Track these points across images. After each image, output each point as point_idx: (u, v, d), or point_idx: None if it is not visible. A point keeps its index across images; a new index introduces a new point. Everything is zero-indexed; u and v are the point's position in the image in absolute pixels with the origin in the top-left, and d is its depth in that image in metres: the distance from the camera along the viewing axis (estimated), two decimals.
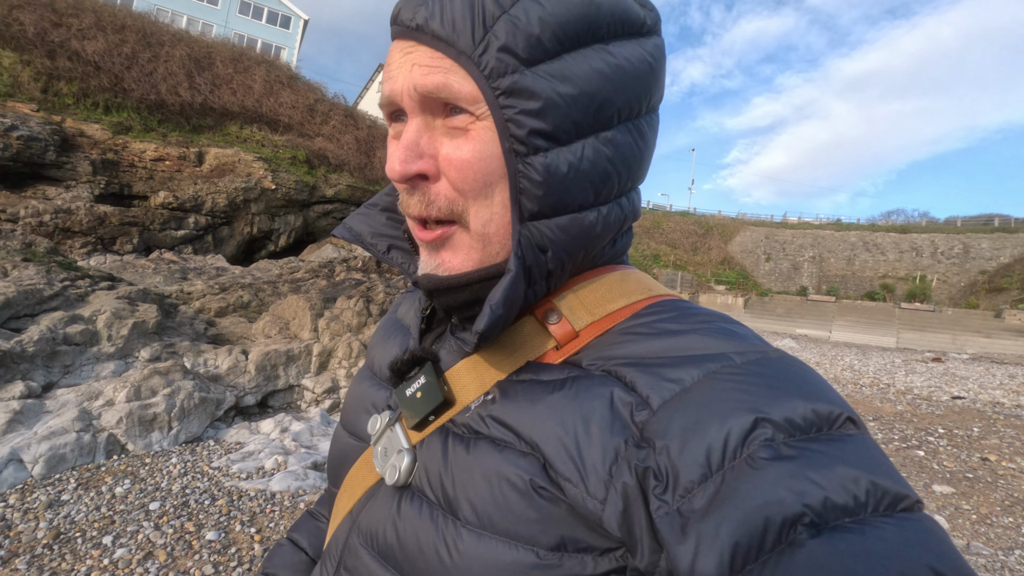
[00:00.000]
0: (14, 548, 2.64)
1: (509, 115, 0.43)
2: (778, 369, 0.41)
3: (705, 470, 0.37)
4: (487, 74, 0.43)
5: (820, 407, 0.38)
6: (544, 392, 0.47)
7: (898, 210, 69.15)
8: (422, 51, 0.45)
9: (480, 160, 0.45)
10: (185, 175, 12.66)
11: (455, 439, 0.50)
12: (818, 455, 0.36)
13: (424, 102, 0.45)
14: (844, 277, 37.74)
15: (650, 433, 0.40)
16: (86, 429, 3.66)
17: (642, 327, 0.48)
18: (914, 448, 6.34)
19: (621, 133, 0.48)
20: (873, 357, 17.63)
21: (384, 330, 0.74)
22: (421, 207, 0.48)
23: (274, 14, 36.55)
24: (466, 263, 0.49)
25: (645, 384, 0.43)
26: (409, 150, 0.46)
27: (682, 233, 40.29)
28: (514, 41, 0.42)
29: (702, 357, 0.43)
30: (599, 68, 0.45)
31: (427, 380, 0.53)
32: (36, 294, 4.61)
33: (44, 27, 12.38)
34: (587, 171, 0.46)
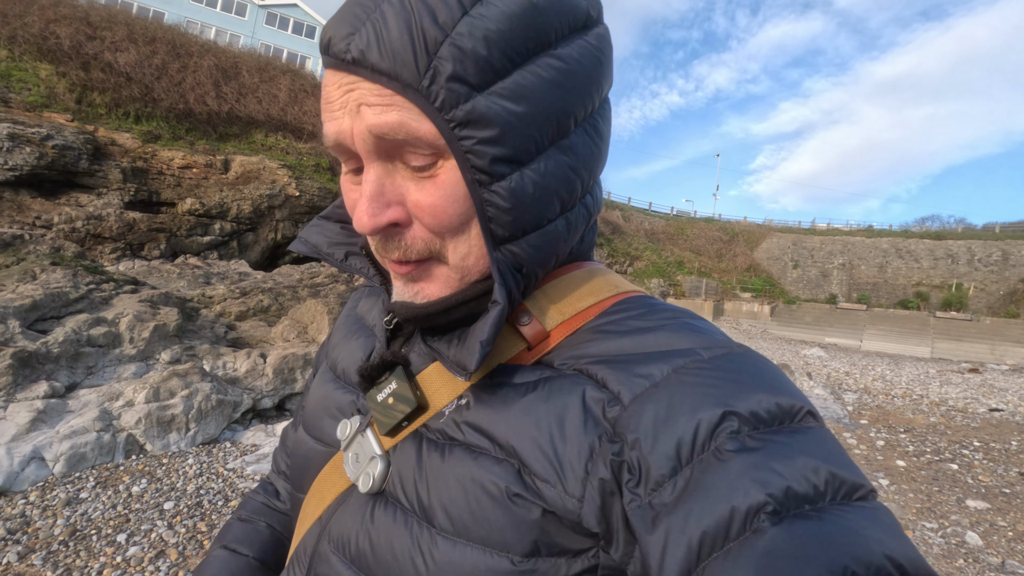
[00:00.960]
0: (31, 544, 2.68)
1: (468, 146, 0.41)
2: (742, 363, 0.43)
3: (675, 463, 0.38)
4: (438, 106, 0.39)
5: (783, 401, 0.40)
6: (518, 395, 0.47)
7: (933, 216, 67.15)
8: (366, 87, 0.41)
9: (452, 202, 0.43)
10: (211, 182, 12.94)
11: (430, 445, 0.49)
12: (781, 447, 0.38)
13: (380, 145, 0.42)
14: (876, 285, 36.76)
15: (622, 428, 0.41)
16: (106, 429, 3.72)
17: (611, 325, 0.49)
18: (947, 461, 6.09)
19: (578, 136, 0.46)
20: (906, 367, 17.10)
21: (345, 328, 0.71)
22: (399, 253, 0.46)
23: (299, 24, 37.37)
24: (444, 290, 0.48)
25: (616, 380, 0.44)
26: (374, 201, 0.43)
27: (706, 240, 39.75)
28: (462, 67, 0.39)
29: (670, 353, 0.44)
30: (551, 78, 0.42)
31: (399, 385, 0.52)
32: (62, 297, 4.73)
33: (79, 40, 12.84)
34: (551, 185, 0.45)
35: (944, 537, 4.06)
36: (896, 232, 40.25)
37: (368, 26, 0.40)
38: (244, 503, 0.80)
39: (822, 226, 44.91)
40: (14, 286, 4.79)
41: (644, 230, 37.61)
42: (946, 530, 4.19)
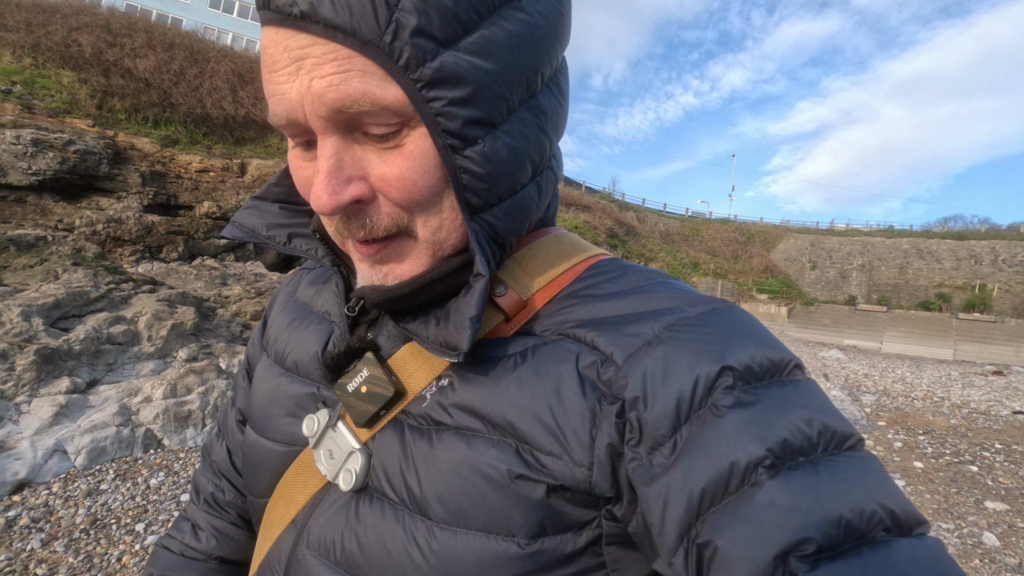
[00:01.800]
0: (54, 532, 2.76)
1: (438, 108, 0.37)
2: (731, 319, 0.43)
3: (674, 421, 0.38)
4: (403, 65, 0.36)
5: (773, 354, 0.41)
6: (505, 369, 0.45)
7: (956, 216, 65.77)
8: (318, 52, 0.36)
9: (423, 173, 0.40)
10: (228, 186, 13.16)
11: (414, 432, 0.46)
12: (775, 400, 0.38)
13: (338, 118, 0.38)
14: (896, 286, 36.17)
15: (619, 388, 0.41)
16: (125, 424, 3.81)
17: (590, 289, 0.48)
18: (967, 463, 5.98)
19: (545, 96, 0.44)
20: (927, 369, 16.81)
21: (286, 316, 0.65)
22: (364, 232, 0.43)
23: None
24: (416, 268, 0.45)
25: (606, 342, 0.43)
26: (332, 178, 0.39)
27: (722, 241, 39.43)
28: (427, 20, 0.35)
29: (657, 312, 0.44)
30: (518, 32, 0.39)
31: (372, 372, 0.48)
32: (83, 296, 4.85)
33: (100, 47, 13.15)
34: (524, 148, 0.43)
35: (960, 537, 4.00)
36: (917, 232, 39.58)
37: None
38: (155, 557, 0.72)
39: (841, 227, 44.33)
40: (37, 285, 4.93)
41: (659, 231, 37.42)
42: (962, 531, 4.13)
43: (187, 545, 0.71)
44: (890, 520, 0.34)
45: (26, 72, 12.19)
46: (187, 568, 0.70)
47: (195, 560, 0.71)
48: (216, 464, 0.76)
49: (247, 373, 0.73)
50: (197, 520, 0.74)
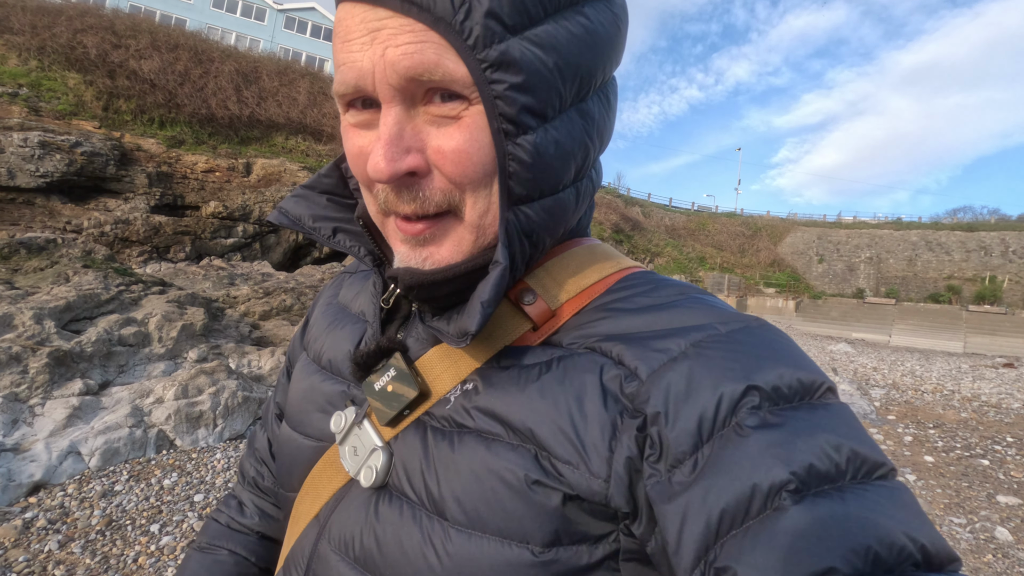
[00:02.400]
0: (70, 533, 2.79)
1: (498, 91, 0.39)
2: (762, 337, 0.42)
3: (696, 439, 0.38)
4: (472, 44, 0.37)
5: (804, 376, 0.39)
6: (530, 377, 0.45)
7: (965, 207, 64.86)
8: (394, 24, 0.38)
9: (478, 149, 0.40)
10: (234, 185, 13.21)
11: (436, 434, 0.47)
12: (802, 423, 0.37)
13: (407, 88, 0.39)
14: (905, 279, 35.89)
15: (642, 402, 0.40)
16: (138, 425, 3.84)
17: (620, 302, 0.48)
18: (978, 457, 5.95)
19: (594, 103, 0.45)
20: (937, 362, 16.69)
21: (326, 318, 0.67)
22: (415, 205, 0.43)
23: (318, 27, 37.77)
24: (455, 255, 0.45)
25: (632, 356, 0.42)
26: (393, 145, 0.40)
27: (729, 235, 39.22)
28: (499, 5, 0.37)
29: (686, 328, 0.43)
30: (579, 34, 0.41)
31: (398, 372, 0.49)
32: (94, 298, 4.89)
33: (105, 49, 13.21)
34: (570, 147, 0.44)
35: (972, 532, 3.98)
36: (926, 224, 39.23)
37: None
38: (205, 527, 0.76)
39: (848, 219, 43.99)
40: (49, 288, 4.97)
41: (665, 226, 37.29)
42: (975, 525, 4.11)
43: (232, 519, 0.75)
44: (920, 555, 0.33)
45: (32, 75, 12.25)
46: (232, 539, 0.73)
47: (239, 532, 0.74)
48: (258, 452, 0.79)
49: (287, 370, 0.76)
50: (242, 498, 0.78)
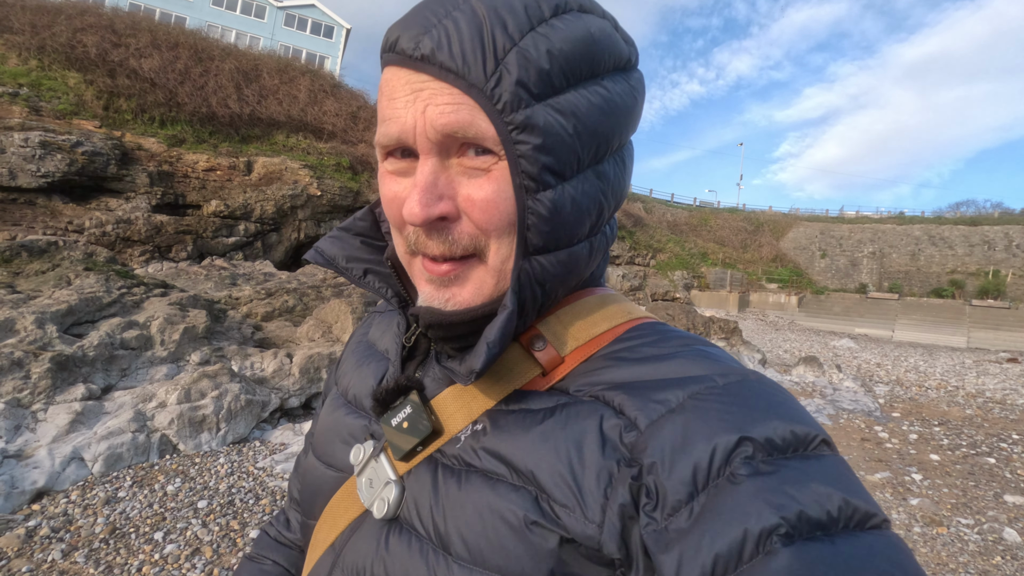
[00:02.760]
0: (74, 542, 2.78)
1: (522, 151, 0.43)
2: (757, 391, 0.44)
3: (691, 489, 0.39)
4: (500, 108, 0.42)
5: (797, 428, 0.40)
6: (534, 421, 0.48)
7: (968, 201, 64.40)
8: (434, 87, 0.42)
9: (504, 199, 0.44)
10: (235, 184, 13.17)
11: (445, 471, 0.50)
12: (794, 471, 0.38)
13: (443, 142, 0.44)
14: (908, 273, 35.75)
15: (639, 452, 0.42)
16: (141, 430, 3.83)
17: (626, 352, 0.50)
18: (984, 455, 5.92)
19: (610, 164, 0.49)
20: (941, 358, 16.65)
21: (356, 355, 0.72)
22: (444, 248, 0.46)
23: (317, 24, 37.63)
24: (477, 297, 0.48)
25: (632, 406, 0.44)
26: (428, 192, 0.44)
27: (731, 230, 39.06)
28: (527, 75, 0.42)
29: (686, 379, 0.45)
30: (598, 103, 0.45)
31: (414, 410, 0.52)
32: (96, 301, 4.87)
33: (105, 48, 13.16)
34: (586, 205, 0.47)
35: (980, 534, 3.96)
36: (929, 219, 39.06)
37: (439, 29, 0.42)
38: (259, 538, 0.82)
39: (851, 214, 43.85)
40: (50, 292, 4.95)
41: (666, 222, 37.17)
42: (982, 526, 4.08)
43: (280, 532, 0.80)
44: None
45: (32, 74, 12.21)
46: (278, 551, 0.78)
47: (285, 546, 0.79)
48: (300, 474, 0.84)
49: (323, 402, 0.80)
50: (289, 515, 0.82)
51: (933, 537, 3.85)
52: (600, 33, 0.46)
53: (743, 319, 24.63)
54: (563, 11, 0.44)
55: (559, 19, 0.44)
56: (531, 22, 0.42)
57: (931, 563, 3.49)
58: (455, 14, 0.42)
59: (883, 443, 6.15)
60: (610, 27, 0.48)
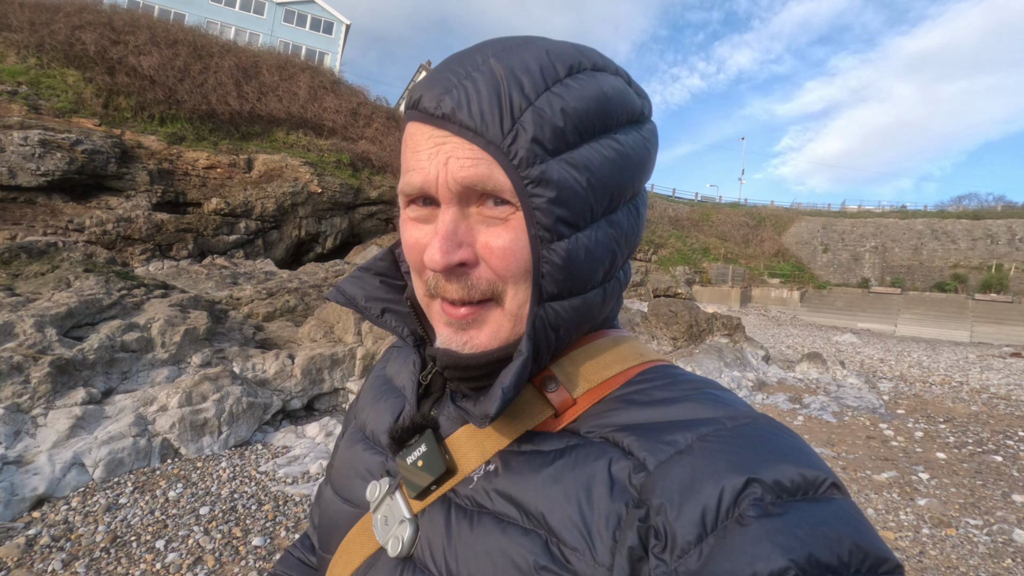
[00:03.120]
0: (74, 551, 2.75)
1: (537, 204, 0.44)
2: (766, 433, 0.44)
3: (700, 530, 0.39)
4: (516, 164, 0.44)
5: (807, 472, 0.40)
6: (545, 462, 0.48)
7: (970, 194, 63.93)
8: (455, 142, 0.45)
9: (521, 247, 0.46)
10: (236, 181, 13.12)
11: (458, 512, 0.51)
12: (804, 514, 0.38)
13: (463, 193, 0.46)
14: (910, 268, 35.67)
15: (648, 494, 0.42)
16: (142, 434, 3.79)
17: (637, 394, 0.51)
18: (990, 453, 5.88)
19: (624, 213, 0.51)
20: (944, 353, 16.60)
21: (374, 390, 0.73)
22: (463, 292, 0.48)
23: (317, 20, 37.43)
24: (493, 341, 0.50)
25: (641, 448, 0.45)
26: (448, 240, 0.46)
27: (733, 225, 38.96)
28: (541, 133, 0.44)
29: (695, 422, 0.45)
30: (611, 157, 0.47)
31: (428, 448, 0.53)
32: (96, 303, 4.83)
33: (104, 45, 13.07)
34: (599, 254, 0.49)
35: (990, 535, 3.92)
36: (931, 212, 38.92)
37: (460, 89, 0.45)
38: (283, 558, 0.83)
39: (853, 208, 43.70)
40: (50, 294, 4.91)
41: (668, 217, 37.08)
42: (992, 527, 4.04)
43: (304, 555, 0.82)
44: None
45: (31, 72, 12.15)
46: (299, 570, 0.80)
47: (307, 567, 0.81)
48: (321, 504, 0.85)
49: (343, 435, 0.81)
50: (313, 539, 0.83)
51: (942, 539, 3.82)
52: (612, 90, 0.48)
53: (745, 314, 24.57)
54: (577, 71, 0.47)
55: (573, 79, 0.46)
56: (546, 82, 0.45)
57: (942, 566, 3.46)
58: (475, 75, 0.45)
59: (888, 441, 6.11)
60: (623, 83, 0.50)
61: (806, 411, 7.11)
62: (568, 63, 0.47)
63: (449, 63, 0.48)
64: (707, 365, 8.43)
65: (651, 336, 10.32)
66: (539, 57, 0.46)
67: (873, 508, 4.27)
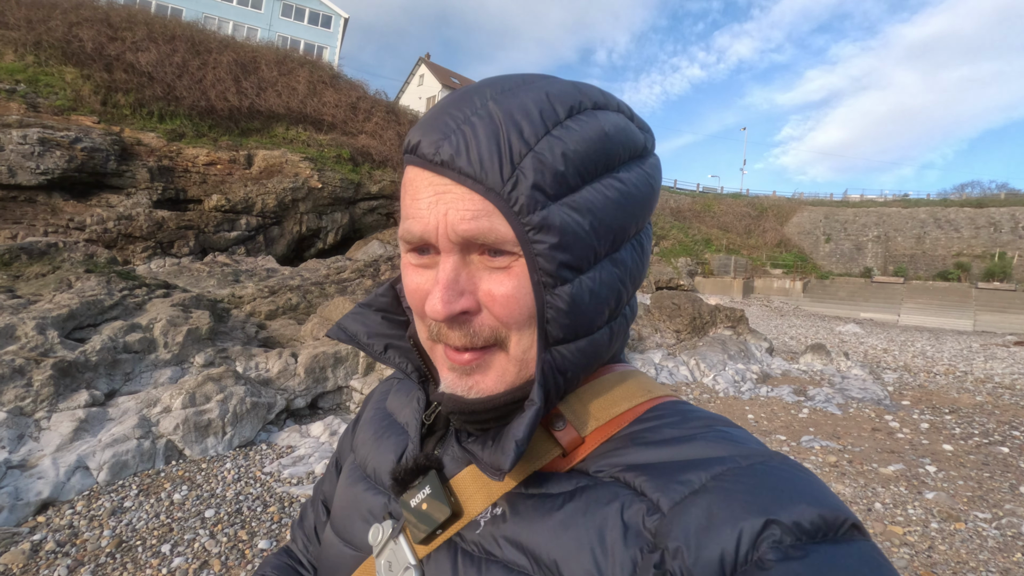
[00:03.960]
0: (80, 556, 2.73)
1: (539, 250, 0.43)
2: (782, 472, 0.43)
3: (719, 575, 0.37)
4: (517, 211, 0.43)
5: (826, 512, 0.39)
6: (554, 506, 0.47)
7: (973, 182, 63.38)
8: (456, 192, 0.44)
9: (524, 295, 0.45)
10: (236, 178, 13.07)
11: (465, 558, 0.49)
12: (825, 557, 0.37)
13: (464, 244, 0.45)
14: (913, 257, 35.54)
15: (663, 536, 0.41)
16: (146, 436, 3.78)
17: (647, 433, 0.49)
18: (997, 444, 5.85)
19: (627, 251, 0.50)
20: (948, 342, 16.55)
21: (374, 424, 0.71)
22: (465, 340, 0.47)
23: (315, 14, 37.19)
24: (499, 385, 0.49)
25: (654, 488, 0.44)
26: (450, 289, 0.45)
27: (734, 216, 38.80)
28: (542, 178, 0.43)
29: (708, 460, 0.44)
30: (613, 198, 0.46)
31: (433, 491, 0.52)
32: (97, 304, 4.80)
33: (101, 42, 12.99)
34: (604, 295, 0.48)
35: (999, 528, 3.90)
36: (934, 201, 38.72)
37: (458, 135, 0.43)
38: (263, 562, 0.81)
39: (855, 197, 43.50)
40: (51, 296, 4.89)
41: (669, 208, 36.95)
42: (1000, 521, 4.02)
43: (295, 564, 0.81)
44: None
45: (29, 70, 12.07)
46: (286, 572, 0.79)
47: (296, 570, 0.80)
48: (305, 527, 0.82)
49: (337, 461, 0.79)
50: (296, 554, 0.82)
51: (951, 533, 3.79)
52: (614, 129, 0.47)
53: (748, 305, 24.52)
54: (577, 111, 0.46)
55: (574, 120, 0.45)
56: (546, 126, 0.44)
57: (951, 561, 3.44)
58: (473, 119, 0.43)
59: (894, 433, 6.08)
60: (624, 120, 0.49)
61: (811, 403, 7.08)
62: (568, 104, 0.46)
63: (447, 106, 0.46)
64: (711, 358, 8.40)
65: (654, 329, 10.29)
66: (539, 100, 0.45)
67: (880, 502, 4.25)
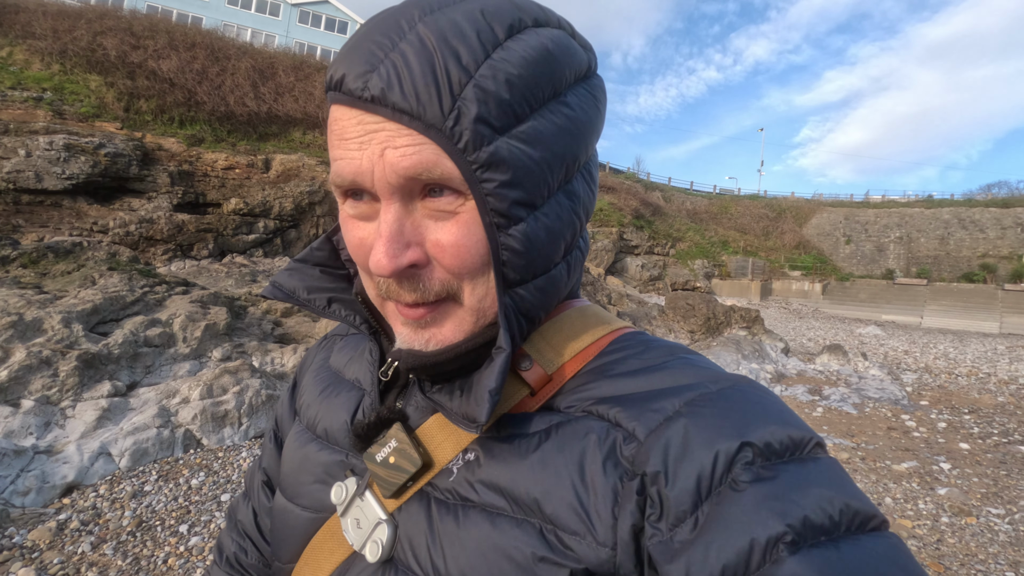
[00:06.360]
0: (102, 534, 2.86)
1: (489, 189, 0.40)
2: (751, 396, 0.43)
3: (695, 498, 0.38)
4: (462, 148, 0.39)
5: (794, 432, 0.40)
6: (530, 446, 0.46)
7: (1000, 182, 61.81)
8: (390, 129, 0.39)
9: (475, 242, 0.42)
10: (254, 182, 13.34)
11: (440, 507, 0.47)
12: (795, 476, 0.38)
13: (405, 186, 0.41)
14: (937, 258, 34.82)
15: (641, 463, 0.41)
16: (165, 425, 3.91)
17: (614, 365, 0.49)
18: (1016, 443, 5.76)
19: (578, 181, 0.48)
20: (972, 344, 16.22)
21: (318, 384, 0.67)
22: (416, 295, 0.44)
23: (332, 20, 37.82)
24: (457, 334, 0.46)
25: (628, 418, 0.44)
26: (394, 242, 0.41)
27: (752, 217, 38.40)
28: (486, 110, 0.39)
29: (679, 388, 0.44)
30: (563, 125, 0.44)
31: (400, 443, 0.49)
32: (119, 300, 4.97)
33: (124, 50, 13.38)
34: (559, 229, 0.46)
35: (1012, 524, 3.85)
36: (959, 201, 37.91)
37: (387, 64, 0.39)
38: None
39: (876, 198, 42.76)
40: (76, 291, 5.07)
41: (686, 210, 36.70)
42: (1014, 516, 3.97)
43: None
44: None
45: (55, 78, 12.47)
46: None
47: None
48: (241, 524, 0.76)
49: (275, 435, 0.74)
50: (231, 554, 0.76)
51: (962, 528, 3.76)
52: (558, 48, 0.43)
53: (765, 307, 24.27)
54: (518, 30, 0.41)
55: (514, 40, 0.41)
56: (485, 49, 0.39)
57: (959, 553, 3.41)
58: (402, 46, 0.39)
59: (910, 432, 6.02)
60: (567, 37, 0.45)
61: (826, 402, 7.03)
62: (507, 22, 0.41)
63: (371, 31, 0.41)
64: (725, 357, 8.37)
65: (668, 329, 10.28)
66: (473, 18, 0.40)
67: (891, 497, 4.23)
